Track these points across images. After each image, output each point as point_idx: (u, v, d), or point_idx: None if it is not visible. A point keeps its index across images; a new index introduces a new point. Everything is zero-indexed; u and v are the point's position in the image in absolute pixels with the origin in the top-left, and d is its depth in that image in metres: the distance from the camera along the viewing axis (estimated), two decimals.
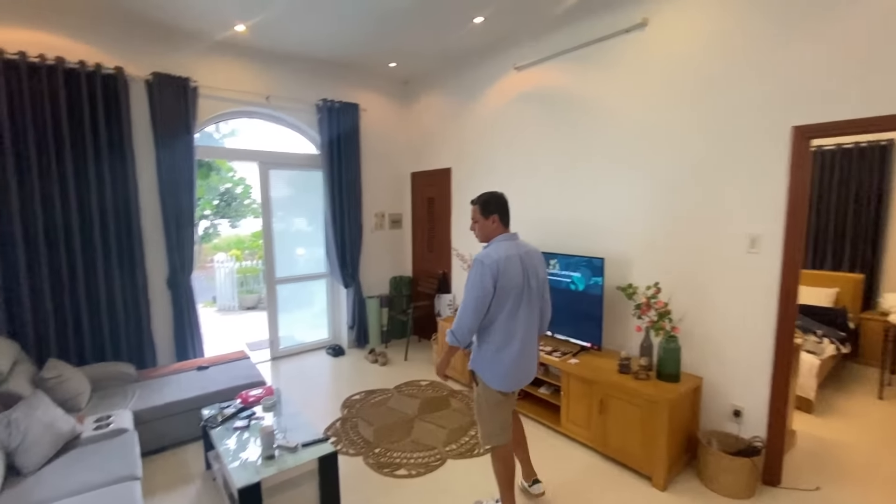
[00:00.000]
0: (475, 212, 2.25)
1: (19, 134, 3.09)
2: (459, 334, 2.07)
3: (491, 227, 2.20)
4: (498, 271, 2.02)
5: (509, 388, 2.16)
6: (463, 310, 2.06)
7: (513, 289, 2.06)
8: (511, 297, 2.06)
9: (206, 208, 14.17)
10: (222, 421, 2.56)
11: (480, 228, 2.23)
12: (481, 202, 2.23)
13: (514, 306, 2.08)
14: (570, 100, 3.48)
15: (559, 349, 3.29)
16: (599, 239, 3.33)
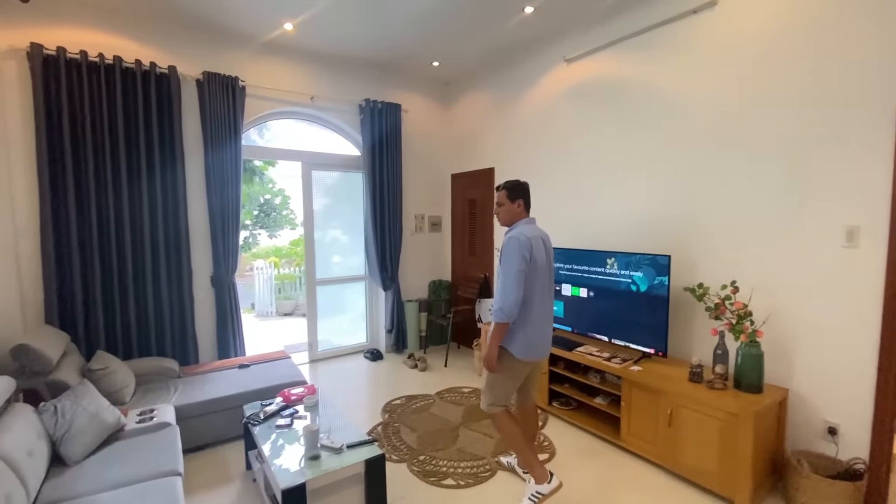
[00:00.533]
0: (502, 196, 2.39)
1: (77, 132, 3.17)
2: (508, 308, 2.15)
3: (516, 210, 2.38)
4: (531, 248, 2.19)
5: (533, 357, 2.29)
6: (505, 284, 2.16)
7: (539, 266, 2.23)
8: (538, 274, 2.23)
9: (246, 218, 14.60)
10: (265, 419, 2.46)
11: (506, 212, 2.38)
12: (509, 188, 2.39)
13: (541, 282, 2.25)
14: (628, 90, 3.27)
15: (618, 355, 3.03)
16: (662, 236, 3.08)
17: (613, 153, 3.39)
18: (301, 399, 2.69)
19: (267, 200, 14.10)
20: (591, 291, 3.27)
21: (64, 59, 3.11)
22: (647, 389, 2.68)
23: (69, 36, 3.18)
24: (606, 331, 3.18)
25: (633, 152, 3.25)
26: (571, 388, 3.32)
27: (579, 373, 3.22)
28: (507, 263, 2.17)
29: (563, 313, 3.50)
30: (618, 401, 2.92)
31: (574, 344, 3.29)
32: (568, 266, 3.43)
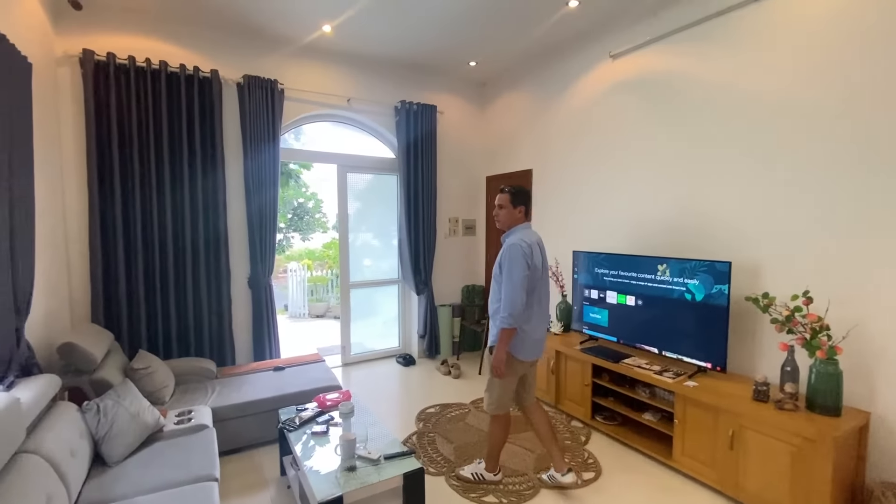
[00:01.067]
0: (505, 199, 2.41)
1: (124, 136, 3.25)
2: (515, 313, 2.22)
3: (517, 215, 2.42)
4: (532, 254, 2.28)
5: (532, 357, 2.40)
6: (512, 290, 2.22)
7: (538, 271, 2.32)
8: (537, 278, 2.32)
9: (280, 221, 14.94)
10: (300, 424, 2.40)
11: (507, 215, 2.42)
12: (513, 192, 2.42)
13: (539, 286, 2.35)
14: (680, 86, 3.07)
15: (670, 369, 2.82)
16: (720, 240, 2.86)
17: (664, 152, 3.19)
18: (336, 405, 2.63)
19: (300, 204, 14.40)
20: (640, 300, 3.07)
21: (113, 64, 3.19)
22: (705, 407, 2.47)
23: (118, 42, 3.27)
24: (656, 342, 2.98)
25: (687, 151, 3.04)
26: (617, 402, 3.12)
27: (625, 386, 3.03)
28: (512, 270, 2.23)
29: (607, 322, 3.32)
30: (669, 418, 2.71)
31: (620, 355, 3.10)
32: (613, 272, 3.24)
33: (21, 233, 2.00)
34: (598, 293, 3.37)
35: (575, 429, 3.20)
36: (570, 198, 3.98)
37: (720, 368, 2.63)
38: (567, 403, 3.40)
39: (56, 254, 3.00)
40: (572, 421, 3.32)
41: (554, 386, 3.47)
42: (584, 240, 3.83)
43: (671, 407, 2.67)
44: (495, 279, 2.35)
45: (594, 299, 3.41)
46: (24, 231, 2.05)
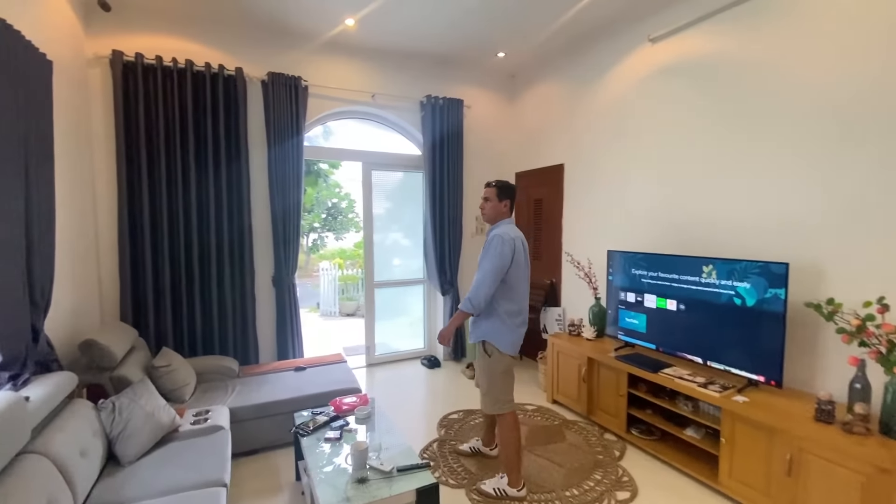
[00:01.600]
0: (492, 193, 2.42)
1: (152, 135, 3.28)
2: (476, 301, 2.31)
3: (502, 210, 2.43)
4: (514, 248, 2.29)
5: (516, 352, 2.42)
6: (482, 279, 2.28)
7: (521, 264, 2.35)
8: (521, 271, 2.35)
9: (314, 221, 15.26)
10: (314, 429, 2.31)
11: (492, 208, 2.43)
12: (500, 186, 2.44)
13: (523, 280, 2.38)
14: (728, 70, 2.78)
15: (716, 381, 2.55)
16: (774, 239, 2.56)
17: (711, 143, 2.91)
18: (352, 409, 2.53)
19: (334, 204, 14.64)
20: (682, 304, 2.81)
21: (141, 64, 3.23)
22: (757, 426, 2.20)
23: (146, 42, 3.30)
24: (700, 351, 2.70)
25: (736, 141, 2.75)
26: (655, 415, 2.87)
27: (665, 398, 2.77)
28: (490, 259, 2.27)
29: (645, 328, 3.06)
30: (715, 435, 2.45)
31: (659, 364, 2.84)
32: (652, 273, 2.98)
33: (38, 228, 2.00)
34: (636, 296, 3.12)
35: (608, 442, 2.96)
36: (605, 193, 3.73)
37: (775, 383, 2.34)
38: (600, 414, 3.17)
39: (87, 249, 3.06)
40: (605, 434, 3.08)
41: (586, 395, 3.24)
42: (619, 238, 3.57)
43: (717, 424, 2.41)
44: (477, 268, 2.38)
45: (631, 303, 3.16)
46: (42, 226, 2.05)
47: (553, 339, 3.59)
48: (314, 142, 4.69)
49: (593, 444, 2.94)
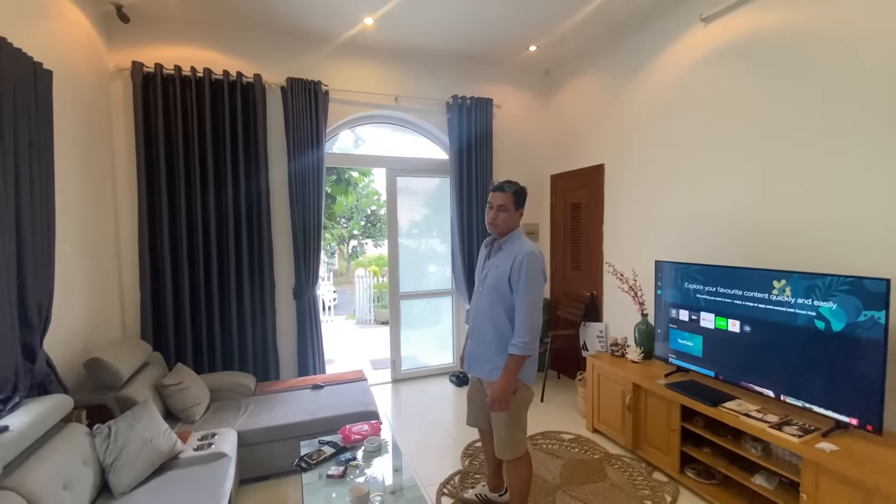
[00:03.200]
0: (508, 200, 2.05)
1: (171, 147, 3.23)
2: (534, 342, 1.95)
3: (517, 219, 2.11)
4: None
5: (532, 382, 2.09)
6: (531, 308, 1.93)
7: None
8: None
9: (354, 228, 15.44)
10: (316, 463, 2.09)
11: (508, 218, 2.06)
12: (518, 192, 2.08)
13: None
14: (801, 46, 2.34)
15: (793, 421, 2.10)
16: (865, 251, 2.09)
17: (780, 135, 2.46)
18: (363, 440, 2.29)
19: (373, 212, 14.75)
20: (747, 325, 2.37)
21: (161, 75, 3.19)
22: (850, 483, 1.75)
23: (165, 53, 3.27)
24: (772, 382, 2.26)
25: (813, 132, 2.30)
26: (715, 454, 2.44)
27: (727, 437, 2.34)
28: (532, 286, 1.93)
29: (701, 351, 2.63)
30: (792, 486, 2.01)
31: (720, 396, 2.41)
32: (710, 289, 2.56)
33: (31, 244, 1.91)
34: (690, 314, 2.70)
35: (657, 483, 2.56)
36: (651, 196, 3.31)
37: (872, 428, 1.87)
38: (648, 450, 2.76)
39: (106, 263, 3.03)
40: (654, 472, 2.67)
41: (631, 427, 2.83)
42: (669, 248, 3.15)
43: (795, 474, 1.97)
44: (495, 291, 2.02)
45: (684, 321, 2.74)
46: (37, 242, 1.96)
47: (593, 360, 3.21)
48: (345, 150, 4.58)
49: (639, 485, 2.55)
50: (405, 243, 4.39)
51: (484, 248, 2.22)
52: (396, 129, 4.37)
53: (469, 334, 2.18)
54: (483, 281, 2.11)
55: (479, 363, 2.09)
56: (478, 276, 2.18)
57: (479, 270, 2.18)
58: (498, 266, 2.03)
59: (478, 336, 2.10)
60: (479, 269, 2.20)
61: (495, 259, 2.07)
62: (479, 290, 2.13)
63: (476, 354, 2.11)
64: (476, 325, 2.12)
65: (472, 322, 2.14)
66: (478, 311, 2.10)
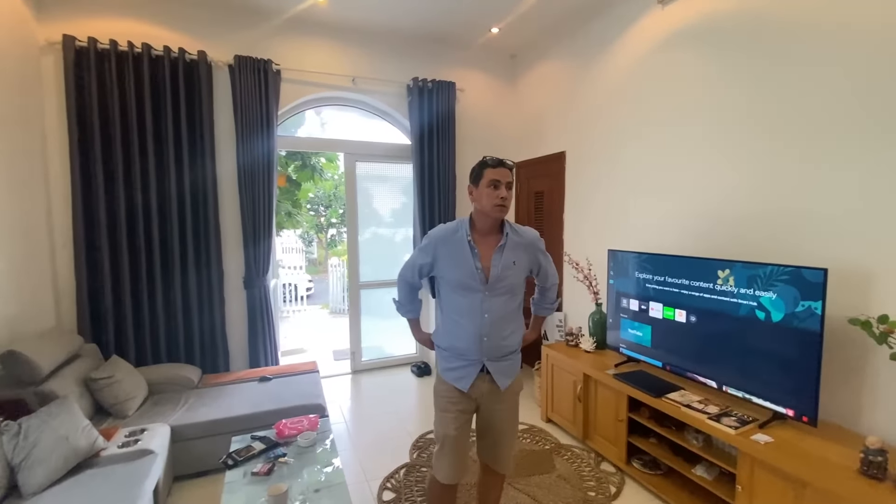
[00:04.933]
0: (511, 176, 1.68)
1: (107, 126, 3.04)
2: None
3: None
4: None
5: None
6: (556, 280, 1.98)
7: None
8: None
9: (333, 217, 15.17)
10: (243, 460, 1.99)
11: (511, 200, 1.70)
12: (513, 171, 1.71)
13: None
14: (755, 29, 2.28)
15: (732, 412, 2.08)
16: (808, 240, 2.06)
17: (732, 124, 2.41)
18: (298, 434, 2.20)
19: None
20: (693, 315, 2.34)
21: (94, 50, 2.99)
22: (784, 476, 1.73)
23: (101, 26, 3.06)
24: (715, 373, 2.23)
25: (765, 119, 2.25)
26: (661, 445, 2.42)
27: (671, 428, 2.32)
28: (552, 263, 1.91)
29: (650, 341, 2.60)
30: (730, 477, 1.99)
31: (665, 387, 2.38)
32: (658, 278, 2.52)
33: None
34: (639, 304, 2.66)
35: (604, 474, 2.53)
36: (609, 185, 3.25)
37: (807, 419, 1.86)
38: (598, 440, 2.74)
39: (35, 251, 2.84)
40: (602, 463, 2.65)
41: (581, 417, 2.81)
42: (626, 237, 3.10)
43: (733, 465, 1.95)
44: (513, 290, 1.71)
45: (634, 311, 2.70)
46: None
47: (548, 350, 3.17)
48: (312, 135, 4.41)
49: (586, 476, 2.52)
50: (367, 231, 4.28)
51: (461, 238, 1.68)
52: (364, 115, 4.22)
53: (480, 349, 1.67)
54: (498, 283, 1.65)
55: (510, 372, 1.76)
56: (471, 275, 1.64)
57: (472, 268, 1.64)
58: (516, 262, 1.69)
59: (503, 344, 1.70)
60: (469, 267, 1.65)
61: (510, 254, 1.67)
62: (482, 293, 1.65)
63: (503, 367, 1.73)
64: (494, 334, 1.67)
65: (487, 332, 1.66)
66: (494, 317, 1.67)
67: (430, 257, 1.73)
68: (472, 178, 1.70)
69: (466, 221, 1.72)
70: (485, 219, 1.68)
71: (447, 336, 1.75)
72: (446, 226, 1.75)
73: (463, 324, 1.69)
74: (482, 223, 1.70)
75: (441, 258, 1.70)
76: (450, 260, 1.69)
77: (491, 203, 1.63)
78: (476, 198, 1.69)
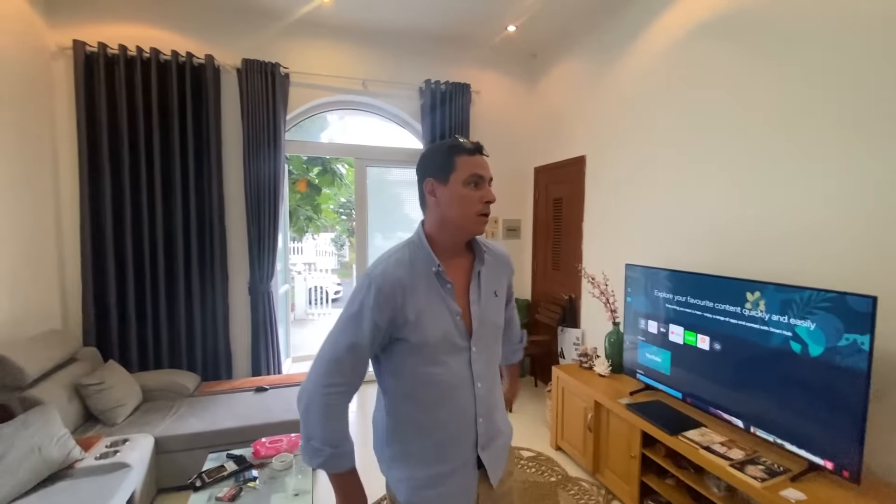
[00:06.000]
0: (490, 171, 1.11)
1: (116, 133, 3.06)
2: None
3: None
4: None
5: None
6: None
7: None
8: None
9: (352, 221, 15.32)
10: (211, 482, 1.88)
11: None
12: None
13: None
14: (793, 16, 1.98)
15: (760, 459, 1.78)
16: (852, 263, 1.74)
17: (767, 125, 2.11)
18: (276, 454, 2.07)
19: None
20: (717, 342, 2.05)
21: (104, 55, 3.02)
22: None
23: (110, 31, 3.09)
24: (741, 411, 1.94)
25: (799, 123, 1.95)
26: (678, 489, 2.13)
27: (689, 470, 2.04)
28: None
29: (668, 368, 2.32)
30: None
31: (684, 422, 2.10)
32: (679, 298, 2.24)
33: None
34: (658, 326, 2.38)
35: None
36: (630, 192, 2.98)
37: (849, 475, 1.55)
38: (608, 475, 2.47)
39: (40, 253, 2.87)
40: (612, 501, 2.38)
41: (591, 448, 2.54)
42: (646, 251, 2.83)
43: None
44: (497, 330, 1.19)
45: (652, 334, 2.42)
46: None
47: (558, 372, 2.92)
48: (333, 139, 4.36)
49: None
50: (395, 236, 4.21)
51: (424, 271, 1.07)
52: (383, 119, 4.11)
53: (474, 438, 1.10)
54: (483, 329, 1.12)
55: (502, 454, 1.19)
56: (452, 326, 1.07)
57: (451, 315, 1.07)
58: (497, 293, 1.19)
59: (497, 417, 1.17)
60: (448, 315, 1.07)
61: (490, 281, 1.17)
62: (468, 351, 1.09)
63: (497, 450, 1.16)
64: (490, 411, 1.13)
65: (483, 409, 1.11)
66: (488, 386, 1.13)
67: (387, 313, 1.01)
68: (434, 168, 1.07)
69: (419, 242, 1.10)
70: (453, 234, 1.09)
71: (414, 434, 1.10)
72: (391, 256, 1.08)
73: (448, 409, 1.07)
74: (446, 240, 1.10)
75: (408, 309, 1.02)
76: (419, 310, 1.03)
77: (472, 211, 1.05)
78: (442, 200, 1.06)
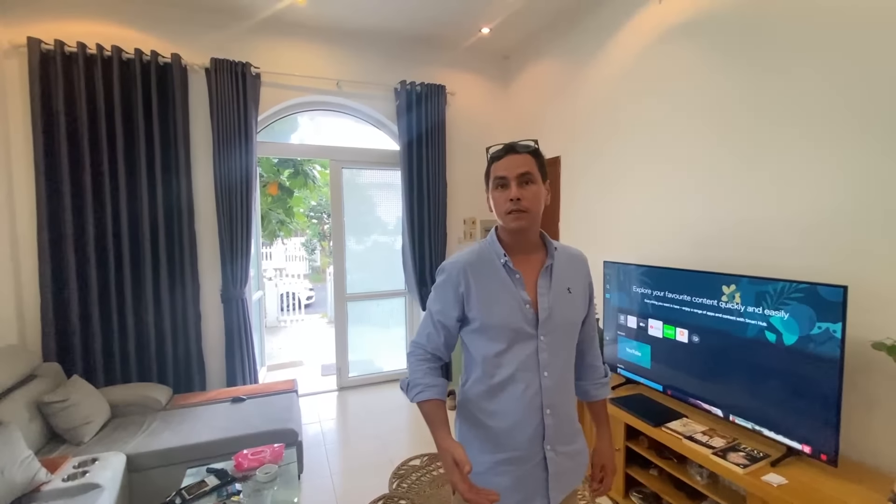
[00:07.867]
0: (531, 165, 1.13)
1: (75, 134, 2.90)
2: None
3: (546, 199, 1.18)
4: None
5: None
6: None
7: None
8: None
9: None
10: (191, 498, 1.80)
11: (538, 196, 1.14)
12: (539, 153, 1.18)
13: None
14: (757, 19, 2.08)
15: (741, 446, 1.85)
16: (823, 253, 1.84)
17: (734, 124, 2.20)
18: (259, 465, 2.00)
19: None
20: (695, 335, 2.11)
21: (61, 53, 2.85)
22: None
23: (68, 28, 2.93)
24: (721, 401, 2.01)
25: (766, 121, 2.04)
26: (662, 479, 2.19)
27: (673, 460, 2.09)
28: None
29: (649, 362, 2.38)
30: None
31: (666, 413, 2.16)
32: (657, 293, 2.30)
33: None
34: (637, 321, 2.44)
35: None
36: (606, 191, 3.05)
37: (826, 458, 1.62)
38: None
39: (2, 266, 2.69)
40: None
41: None
42: (623, 248, 2.89)
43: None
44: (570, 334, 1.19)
45: (632, 329, 2.48)
46: None
47: None
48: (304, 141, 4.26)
49: None
50: (370, 238, 4.16)
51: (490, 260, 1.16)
52: (357, 121, 4.05)
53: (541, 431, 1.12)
54: (551, 322, 1.12)
55: (578, 471, 1.20)
56: (518, 311, 1.11)
57: (518, 301, 1.12)
58: (571, 290, 1.18)
59: (566, 424, 1.16)
60: (514, 299, 1.12)
61: (562, 278, 1.18)
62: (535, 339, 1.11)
63: (568, 468, 1.16)
64: (560, 405, 1.14)
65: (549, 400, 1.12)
66: (557, 378, 1.13)
67: (454, 291, 1.14)
68: (485, 178, 1.21)
69: (491, 240, 1.20)
70: (508, 233, 1.17)
71: (479, 417, 1.15)
72: (464, 251, 1.20)
73: (511, 392, 1.11)
74: (509, 238, 1.17)
75: (473, 292, 1.13)
76: (483, 293, 1.12)
77: (502, 210, 1.12)
78: (491, 205, 1.18)
